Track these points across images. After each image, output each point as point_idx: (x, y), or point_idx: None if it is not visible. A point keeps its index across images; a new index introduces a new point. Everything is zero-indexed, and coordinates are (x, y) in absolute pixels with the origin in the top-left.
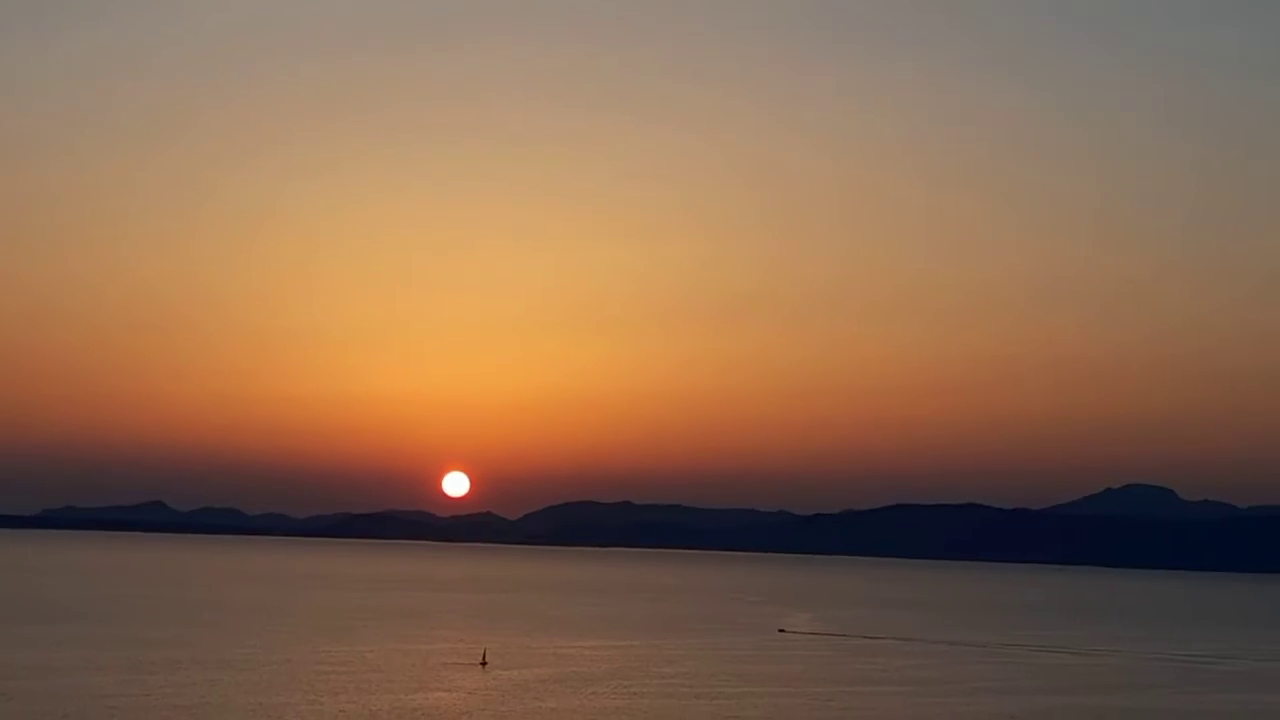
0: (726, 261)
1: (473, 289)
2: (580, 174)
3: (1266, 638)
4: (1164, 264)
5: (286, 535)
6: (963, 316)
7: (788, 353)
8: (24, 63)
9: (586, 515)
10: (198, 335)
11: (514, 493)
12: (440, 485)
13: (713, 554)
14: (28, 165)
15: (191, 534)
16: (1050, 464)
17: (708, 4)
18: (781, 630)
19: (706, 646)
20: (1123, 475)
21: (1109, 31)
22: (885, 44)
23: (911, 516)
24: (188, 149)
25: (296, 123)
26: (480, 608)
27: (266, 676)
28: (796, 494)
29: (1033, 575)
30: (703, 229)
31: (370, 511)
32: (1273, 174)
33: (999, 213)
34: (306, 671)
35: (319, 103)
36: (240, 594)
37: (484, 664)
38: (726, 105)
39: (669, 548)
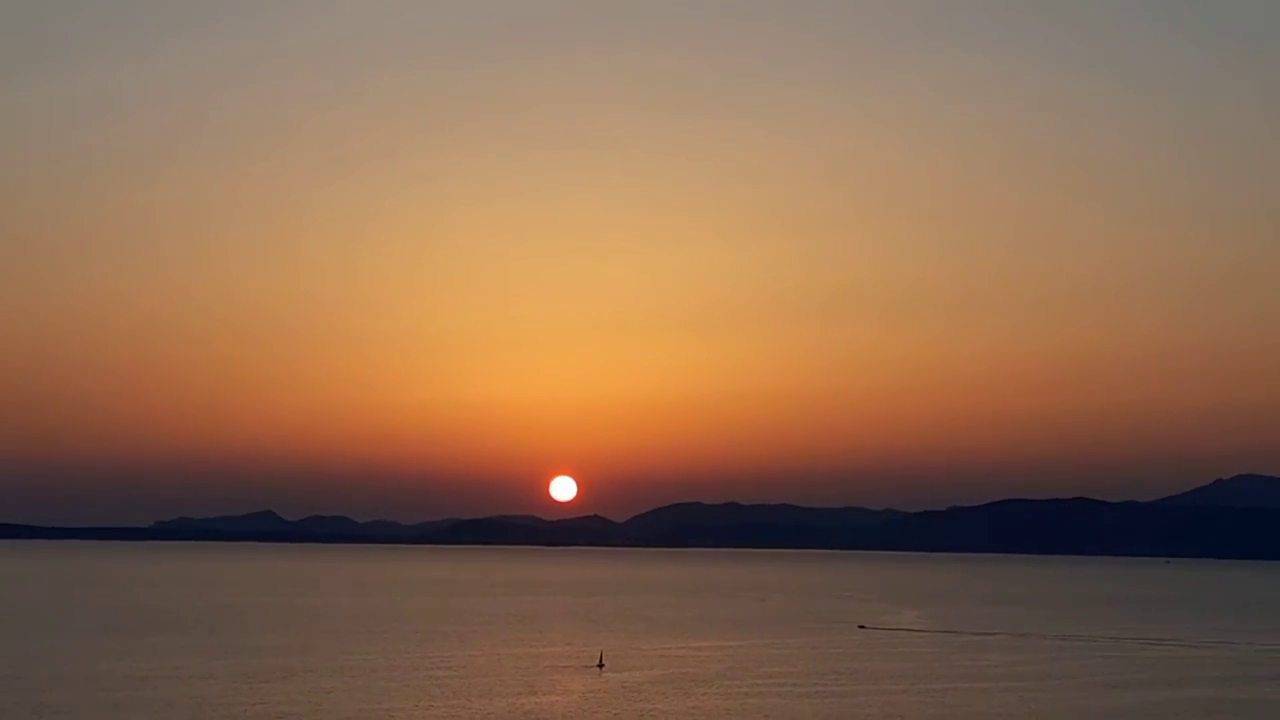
0: (821, 260)
1: (575, 293)
2: (676, 177)
3: None
4: (1259, 250)
5: (395, 542)
6: (1059, 309)
7: (887, 350)
8: (124, 79)
9: (693, 516)
10: (303, 345)
11: (620, 496)
12: (547, 489)
13: (820, 553)
14: (130, 182)
15: (301, 542)
16: (1158, 455)
17: (793, 3)
18: (861, 626)
19: (815, 645)
20: (1232, 466)
21: (1199, 18)
22: (973, 36)
23: (1018, 511)
24: (289, 160)
25: (398, 132)
26: (590, 610)
27: (379, 683)
28: (903, 492)
29: (1142, 568)
30: (796, 228)
31: (478, 517)
32: None
33: (1089, 204)
34: (419, 677)
35: (420, 112)
36: (351, 601)
37: (601, 666)
38: (815, 103)
39: (776, 547)
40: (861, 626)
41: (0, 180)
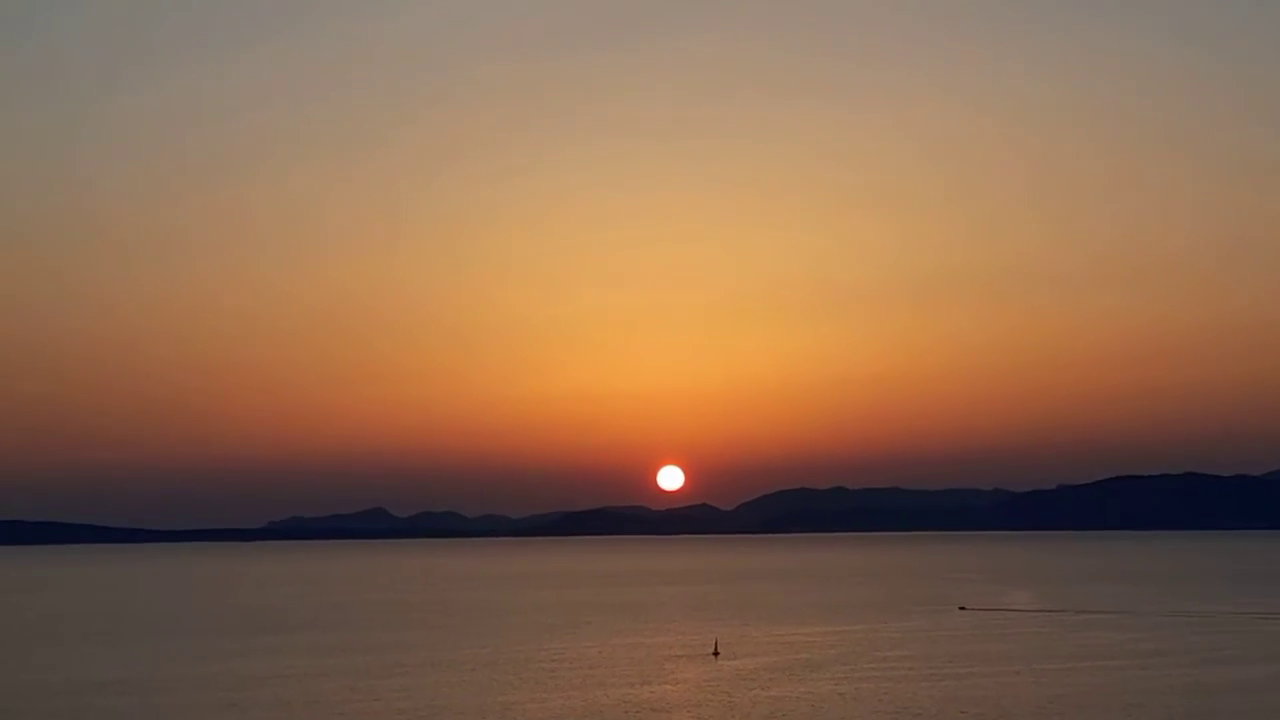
0: (918, 241)
1: (674, 280)
2: (770, 161)
3: None
4: None
5: (506, 536)
6: (1159, 283)
7: (987, 329)
8: (218, 81)
9: (801, 502)
10: (407, 340)
11: (728, 483)
12: (655, 479)
13: (930, 535)
14: (228, 182)
15: (413, 539)
16: (1269, 428)
17: None
18: (962, 608)
19: (928, 628)
20: None
21: None
22: (1059, 12)
23: (1128, 488)
24: (384, 158)
25: (494, 125)
26: (701, 599)
27: (493, 676)
28: (1011, 471)
29: (1255, 542)
30: (891, 209)
31: (587, 509)
32: None
33: (1185, 175)
34: (533, 669)
35: (516, 105)
36: (463, 595)
37: (716, 654)
38: (906, 83)
39: (886, 531)
40: (962, 608)
41: (98, 182)
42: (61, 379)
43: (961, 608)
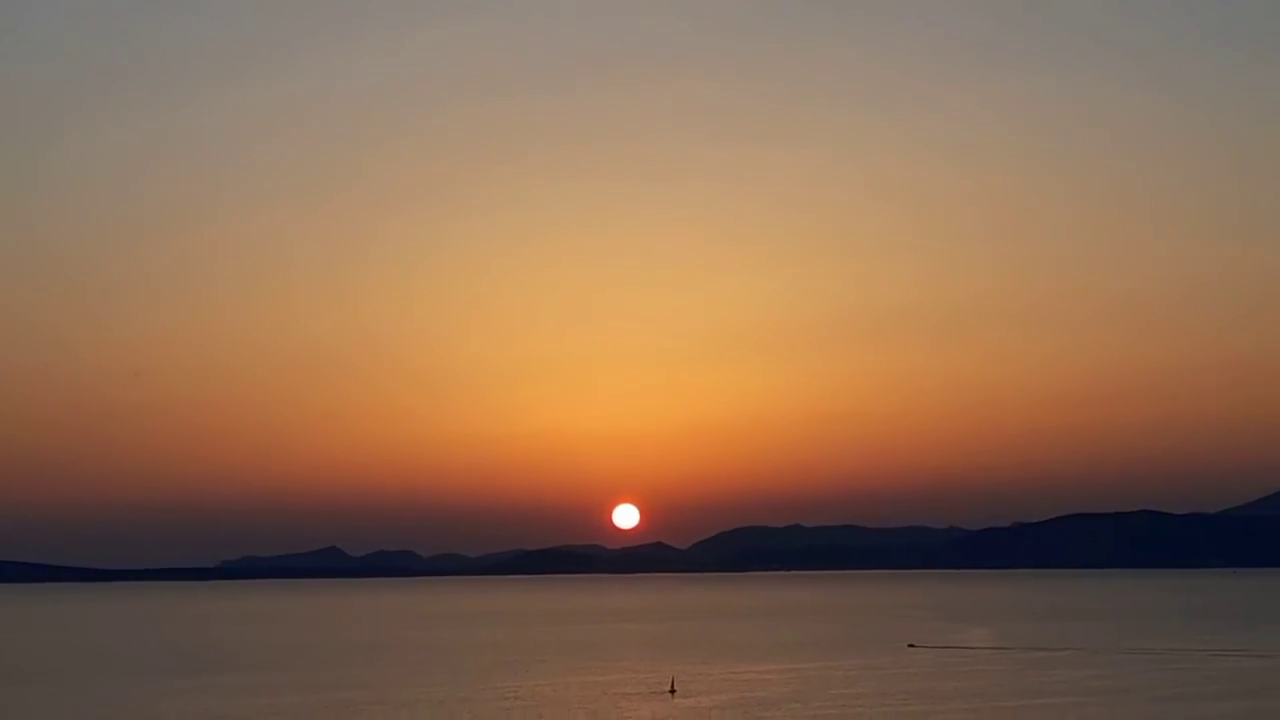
0: (875, 281)
1: (631, 320)
2: (728, 203)
3: None
4: None
5: (461, 575)
6: (1112, 323)
7: (943, 367)
8: (175, 122)
9: (757, 540)
10: (363, 380)
11: (683, 522)
12: (610, 518)
13: (886, 573)
14: (185, 224)
15: (367, 578)
16: (1222, 466)
17: (844, 29)
18: (911, 645)
19: (883, 665)
20: None
21: (1248, 30)
22: (1018, 57)
23: (1082, 526)
24: (343, 199)
25: (453, 166)
26: (657, 637)
27: (446, 715)
28: (965, 509)
29: (1209, 579)
30: (849, 251)
31: (543, 547)
32: None
33: (1140, 218)
34: (487, 708)
35: (475, 145)
36: (417, 634)
37: (673, 692)
38: (865, 128)
39: (841, 568)
40: (912, 645)
41: (56, 222)
42: (15, 418)
43: (911, 645)
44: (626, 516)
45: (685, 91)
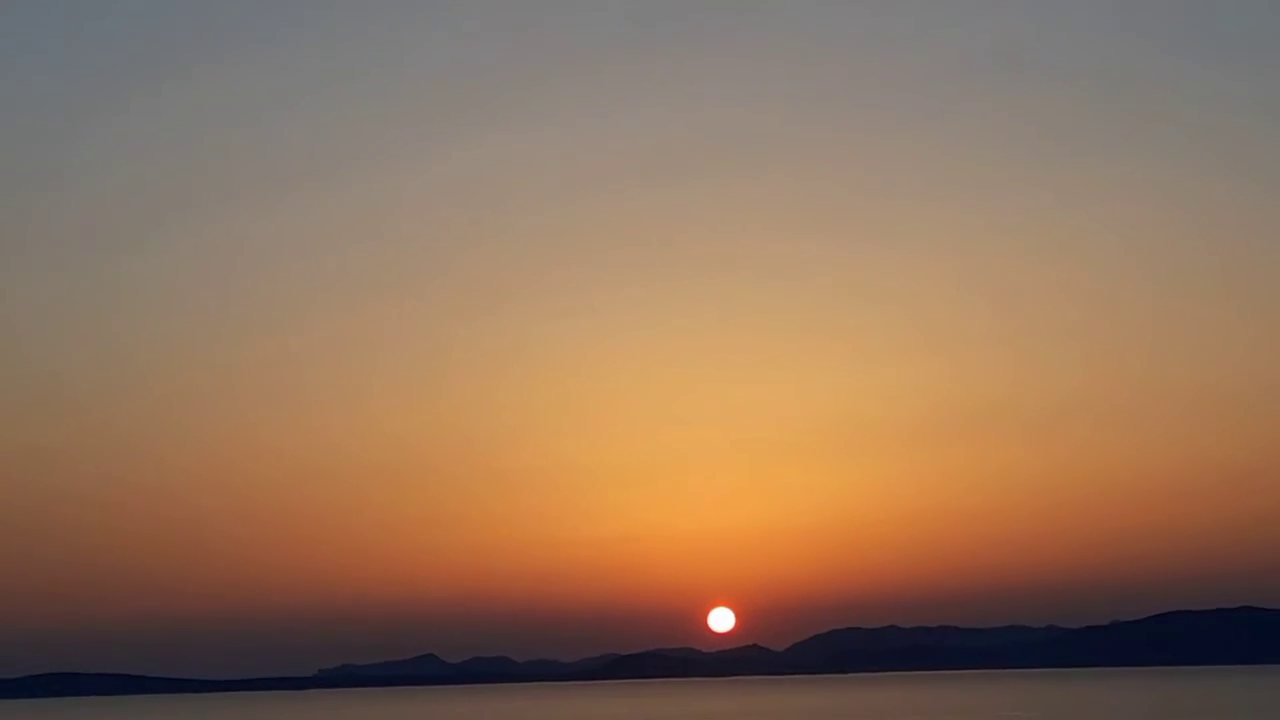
0: (962, 378)
1: (721, 420)
2: (814, 299)
3: None
4: None
5: (556, 680)
6: (1205, 416)
7: (1034, 464)
8: (260, 228)
9: (854, 641)
10: (453, 484)
11: (779, 623)
12: (705, 620)
13: (983, 673)
14: (271, 329)
15: (464, 684)
16: None
17: (926, 123)
18: None
19: None
20: None
21: None
22: (1098, 144)
23: (1182, 623)
24: (432, 299)
25: (539, 266)
26: None
27: None
28: (1063, 607)
29: None
30: (935, 347)
31: (638, 651)
32: None
33: (1229, 309)
34: None
35: (563, 246)
36: None
37: None
38: (949, 222)
39: (939, 669)
40: None
41: (141, 332)
42: (109, 530)
43: None
44: (722, 619)
45: (772, 186)
